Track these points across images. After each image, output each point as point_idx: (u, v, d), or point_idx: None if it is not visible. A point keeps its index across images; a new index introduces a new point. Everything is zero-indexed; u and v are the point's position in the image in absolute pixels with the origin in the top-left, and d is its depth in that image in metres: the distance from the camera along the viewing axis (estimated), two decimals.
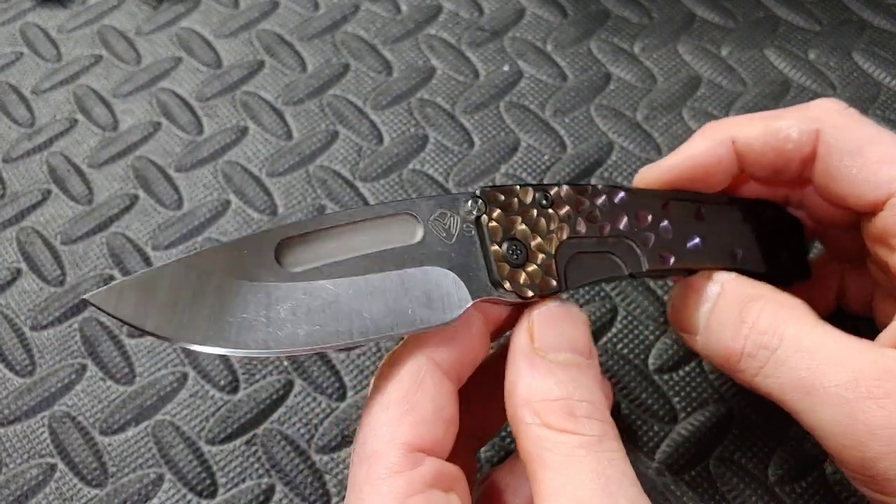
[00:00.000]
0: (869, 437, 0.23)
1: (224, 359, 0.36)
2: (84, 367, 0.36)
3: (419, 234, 0.25)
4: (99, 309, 0.22)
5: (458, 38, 0.46)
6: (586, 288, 0.37)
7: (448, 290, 0.25)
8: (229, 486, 0.33)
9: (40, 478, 0.34)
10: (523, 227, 0.26)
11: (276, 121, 0.44)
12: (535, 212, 0.27)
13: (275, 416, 0.35)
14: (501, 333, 0.29)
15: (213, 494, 0.33)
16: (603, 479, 0.23)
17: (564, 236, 0.27)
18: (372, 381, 0.26)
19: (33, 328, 0.38)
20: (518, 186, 0.27)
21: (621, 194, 0.28)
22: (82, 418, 0.35)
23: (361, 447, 0.24)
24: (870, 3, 0.46)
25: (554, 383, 0.24)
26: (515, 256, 0.26)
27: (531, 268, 0.26)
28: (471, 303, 0.25)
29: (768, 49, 0.45)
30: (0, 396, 0.36)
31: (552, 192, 0.27)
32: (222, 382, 0.36)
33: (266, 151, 0.43)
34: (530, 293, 0.26)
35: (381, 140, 0.43)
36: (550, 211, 0.27)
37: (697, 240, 0.29)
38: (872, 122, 0.28)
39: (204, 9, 0.49)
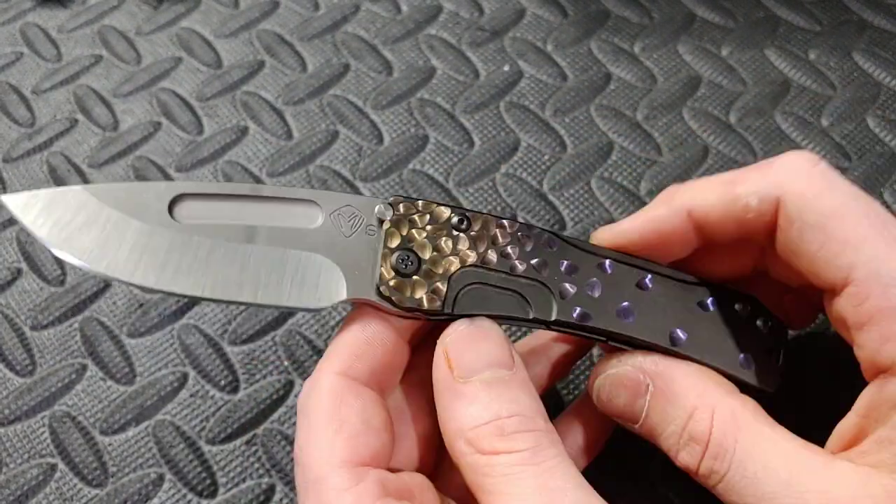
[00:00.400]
0: None
1: (224, 359, 0.36)
2: (84, 367, 0.36)
3: (318, 223, 0.26)
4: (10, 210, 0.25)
5: (458, 38, 0.46)
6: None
7: (327, 280, 0.26)
8: (229, 485, 0.33)
9: (40, 478, 0.34)
10: (423, 240, 0.26)
11: (277, 121, 0.44)
12: (443, 231, 0.27)
13: (275, 415, 0.35)
14: (420, 340, 0.29)
15: (213, 494, 0.33)
16: (546, 493, 0.23)
17: (468, 262, 0.26)
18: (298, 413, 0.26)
19: (34, 328, 0.38)
20: (437, 204, 0.27)
21: (556, 242, 0.28)
22: (82, 418, 0.35)
23: (303, 476, 0.24)
24: (870, 4, 0.46)
25: (481, 408, 0.24)
26: (404, 266, 0.26)
27: (416, 281, 0.26)
28: (344, 298, 0.26)
29: (768, 49, 0.45)
30: (0, 396, 0.36)
31: (470, 217, 0.27)
32: (222, 382, 0.36)
33: (266, 151, 0.43)
34: (407, 305, 0.26)
35: (381, 140, 0.43)
36: (461, 234, 0.27)
37: (627, 305, 0.27)
38: (843, 181, 0.26)
39: (204, 9, 0.49)
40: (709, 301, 0.28)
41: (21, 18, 0.49)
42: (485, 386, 0.24)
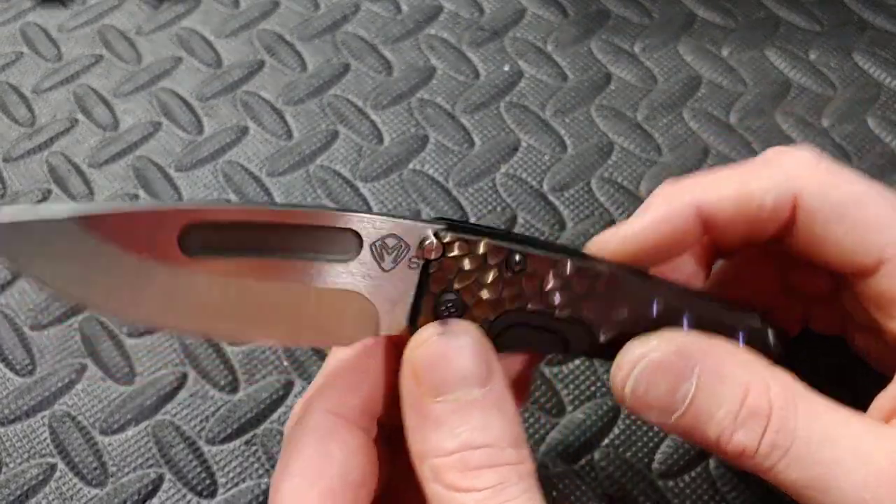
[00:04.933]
0: None
1: (224, 359, 0.36)
2: (84, 367, 0.36)
3: (355, 256, 0.23)
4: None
5: (458, 38, 0.46)
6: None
7: (359, 315, 0.23)
8: (229, 485, 0.33)
9: (40, 477, 0.34)
10: (471, 284, 0.24)
11: (277, 120, 0.44)
12: (494, 271, 0.24)
13: (275, 415, 0.35)
14: None
15: (212, 494, 0.33)
16: None
17: (514, 307, 0.24)
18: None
19: (33, 328, 0.38)
20: (490, 237, 0.24)
21: (610, 282, 0.25)
22: (82, 418, 0.35)
23: None
24: (871, 4, 0.46)
25: (446, 436, 0.22)
26: (447, 312, 0.24)
27: None
28: (377, 335, 0.23)
29: (769, 49, 0.45)
30: (0, 396, 0.36)
31: (527, 257, 0.24)
32: (222, 382, 0.36)
33: (266, 151, 0.43)
34: None
35: (381, 140, 0.43)
36: (512, 276, 0.24)
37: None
38: (850, 173, 0.25)
39: (204, 8, 0.49)
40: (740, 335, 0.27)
41: (21, 18, 0.49)
42: (453, 409, 0.22)
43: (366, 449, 0.24)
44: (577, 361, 0.35)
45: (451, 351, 0.23)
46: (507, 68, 0.45)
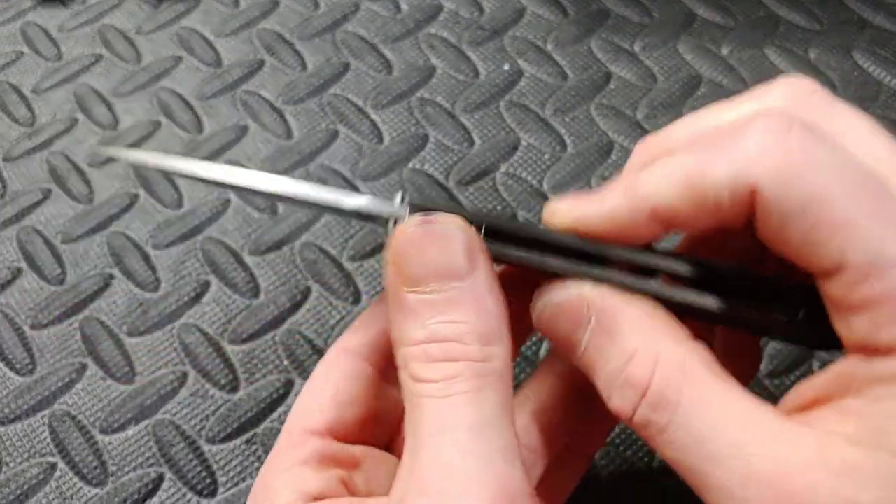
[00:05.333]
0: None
1: (224, 358, 0.36)
2: (84, 366, 0.36)
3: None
4: None
5: (458, 37, 0.46)
6: None
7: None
8: (229, 485, 0.33)
9: (40, 477, 0.34)
10: None
11: (277, 120, 0.44)
12: None
13: (275, 415, 0.35)
14: None
15: (213, 493, 0.33)
16: (432, 431, 0.21)
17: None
18: None
19: (33, 327, 0.38)
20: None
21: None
22: (82, 417, 0.35)
23: None
24: (870, 3, 0.46)
25: (416, 326, 0.22)
26: None
27: None
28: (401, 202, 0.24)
29: (769, 48, 0.45)
30: (0, 395, 0.36)
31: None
32: (222, 381, 0.36)
33: (266, 150, 0.43)
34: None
35: (381, 139, 0.43)
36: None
37: None
38: (828, 145, 0.22)
39: (204, 8, 0.49)
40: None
41: (21, 18, 0.49)
42: (426, 300, 0.22)
43: (363, 376, 0.26)
44: None
45: (431, 241, 0.23)
46: (507, 67, 0.45)
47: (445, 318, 0.22)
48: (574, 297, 0.24)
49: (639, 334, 0.23)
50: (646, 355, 0.22)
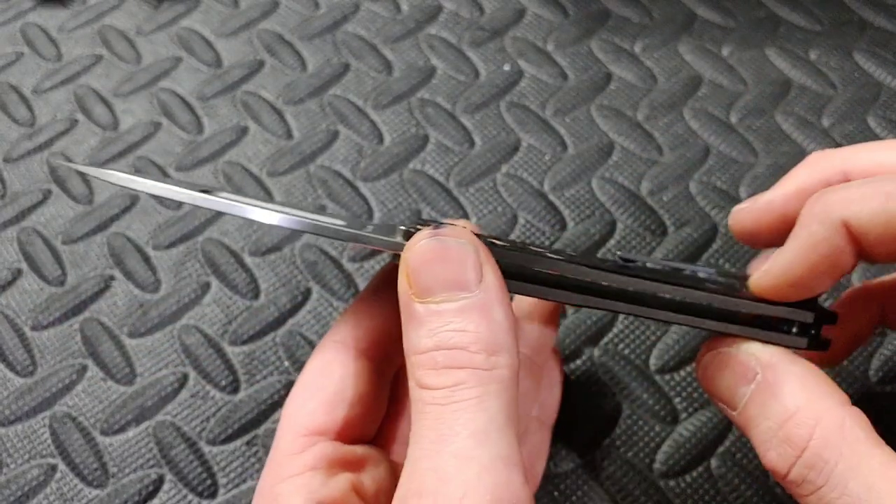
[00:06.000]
0: None
1: (225, 360, 0.36)
2: (85, 368, 0.36)
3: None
4: None
5: (458, 38, 0.46)
6: None
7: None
8: (230, 486, 0.33)
9: (41, 478, 0.34)
10: None
11: (277, 120, 0.44)
12: None
13: (276, 416, 0.35)
14: None
15: (213, 495, 0.33)
16: (433, 438, 0.22)
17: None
18: None
19: (34, 328, 0.38)
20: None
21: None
22: (83, 418, 0.35)
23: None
24: (871, 3, 0.46)
25: (425, 335, 0.23)
26: None
27: None
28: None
29: (769, 49, 0.45)
30: (1, 397, 0.36)
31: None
32: (223, 383, 0.36)
33: (266, 151, 0.43)
34: None
35: (381, 140, 0.43)
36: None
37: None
38: None
39: (204, 8, 0.49)
40: None
41: (21, 18, 0.49)
42: (435, 311, 0.23)
43: (367, 374, 0.26)
44: (571, 366, 0.35)
45: (439, 256, 0.23)
46: (507, 68, 0.45)
47: (453, 327, 0.23)
48: (742, 352, 0.24)
49: (802, 394, 0.23)
50: (807, 415, 0.23)
